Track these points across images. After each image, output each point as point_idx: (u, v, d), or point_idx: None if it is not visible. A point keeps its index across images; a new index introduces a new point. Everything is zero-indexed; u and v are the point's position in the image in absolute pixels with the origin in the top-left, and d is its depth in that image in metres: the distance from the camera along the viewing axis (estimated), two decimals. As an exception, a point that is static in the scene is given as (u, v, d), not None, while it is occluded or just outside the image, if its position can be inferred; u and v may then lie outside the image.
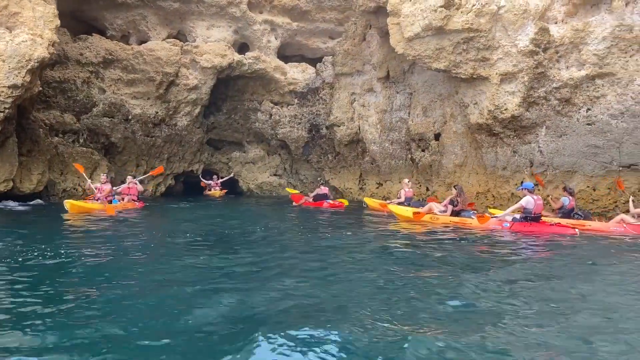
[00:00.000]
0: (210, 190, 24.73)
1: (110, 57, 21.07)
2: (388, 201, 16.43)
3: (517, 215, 11.34)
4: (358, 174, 21.42)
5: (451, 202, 12.32)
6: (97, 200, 14.99)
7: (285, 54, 26.36)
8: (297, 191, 20.19)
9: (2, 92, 12.70)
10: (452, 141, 16.77)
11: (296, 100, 24.74)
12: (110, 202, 15.25)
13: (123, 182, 17.56)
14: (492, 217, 11.63)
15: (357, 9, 16.98)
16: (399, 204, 15.97)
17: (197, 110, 23.42)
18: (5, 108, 12.88)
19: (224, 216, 15.17)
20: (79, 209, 13.78)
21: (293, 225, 13.40)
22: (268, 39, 25.09)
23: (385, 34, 17.99)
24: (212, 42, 23.51)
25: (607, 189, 14.08)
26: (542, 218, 11.91)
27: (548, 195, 14.11)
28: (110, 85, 21.26)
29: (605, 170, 13.94)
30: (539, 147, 14.68)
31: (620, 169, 13.86)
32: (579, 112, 14.27)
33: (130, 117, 21.41)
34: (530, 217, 11.11)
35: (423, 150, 18.18)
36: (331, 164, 22.63)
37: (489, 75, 14.43)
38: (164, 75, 21.81)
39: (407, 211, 13.55)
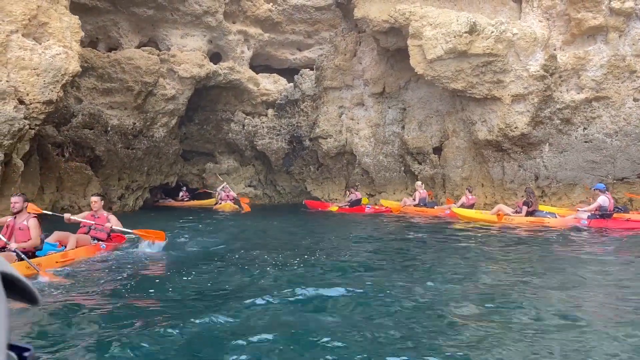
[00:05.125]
0: (220, 203, 21.88)
1: (85, 64, 19.87)
2: (403, 205, 17.14)
3: (590, 214, 12.59)
4: (344, 184, 21.96)
5: (525, 203, 13.33)
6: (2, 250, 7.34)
7: (253, 64, 26.31)
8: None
9: (36, 108, 11.72)
10: (455, 155, 17.87)
11: (270, 111, 24.81)
12: (33, 254, 7.58)
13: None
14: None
15: (369, 29, 17.54)
16: (415, 205, 16.84)
17: (173, 121, 22.70)
18: (36, 125, 11.92)
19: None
20: None
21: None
22: (242, 49, 24.95)
23: (386, 52, 18.76)
24: (188, 51, 22.93)
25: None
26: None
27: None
28: (87, 95, 20.13)
29: (602, 183, 15.64)
30: (543, 162, 16.15)
31: (615, 181, 15.68)
32: (577, 131, 15.93)
33: (109, 128, 20.35)
34: (606, 214, 12.41)
35: (420, 164, 19.13)
36: (314, 175, 22.96)
37: (502, 96, 15.66)
38: (142, 85, 20.93)
39: (484, 214, 14.29)
